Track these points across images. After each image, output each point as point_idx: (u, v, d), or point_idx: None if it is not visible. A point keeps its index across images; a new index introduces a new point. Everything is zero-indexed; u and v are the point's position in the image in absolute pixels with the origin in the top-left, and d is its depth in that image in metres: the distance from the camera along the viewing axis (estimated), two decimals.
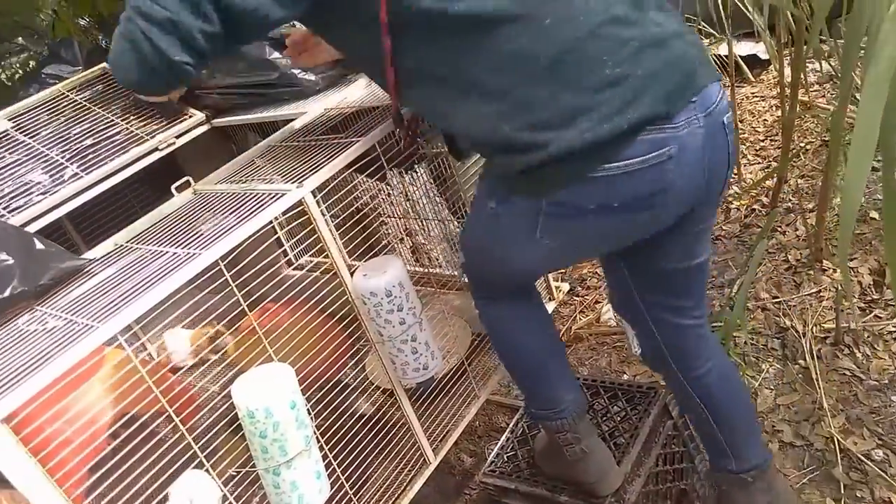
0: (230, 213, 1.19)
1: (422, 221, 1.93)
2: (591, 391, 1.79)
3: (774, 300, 2.23)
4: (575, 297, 2.67)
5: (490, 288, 1.39)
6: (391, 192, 1.92)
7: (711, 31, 3.49)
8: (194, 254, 1.09)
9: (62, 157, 1.66)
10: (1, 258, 1.17)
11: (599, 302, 2.60)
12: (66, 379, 0.97)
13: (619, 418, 1.67)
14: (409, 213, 1.94)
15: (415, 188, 1.80)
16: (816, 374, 1.93)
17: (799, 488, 1.67)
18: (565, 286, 2.01)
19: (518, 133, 1.04)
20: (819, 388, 1.89)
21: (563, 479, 1.55)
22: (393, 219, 2.04)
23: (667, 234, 1.21)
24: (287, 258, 2.27)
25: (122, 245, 1.25)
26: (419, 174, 1.76)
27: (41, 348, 1.00)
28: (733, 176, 2.96)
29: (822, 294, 2.19)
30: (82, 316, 1.04)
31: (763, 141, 3.14)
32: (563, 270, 2.80)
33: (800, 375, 1.96)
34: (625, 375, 2.22)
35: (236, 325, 1.60)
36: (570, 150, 1.01)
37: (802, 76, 2.56)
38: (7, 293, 1.14)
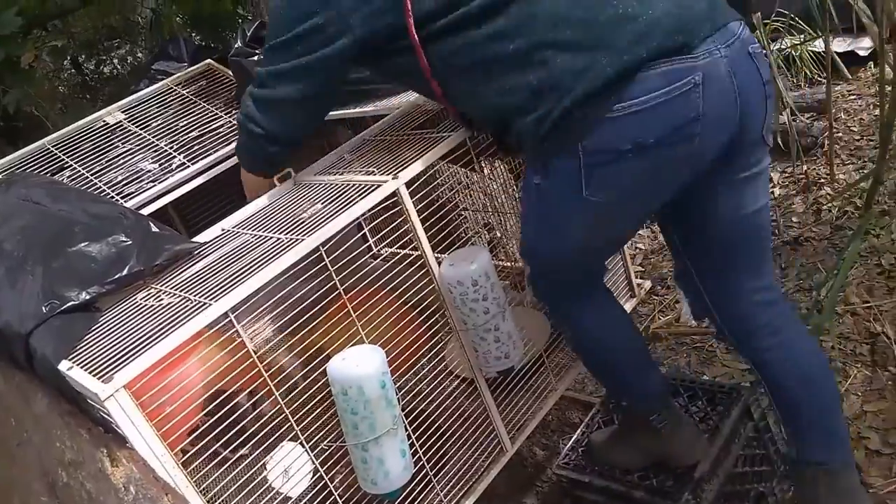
0: (329, 203, 1.25)
1: (499, 216, 1.96)
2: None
3: (865, 305, 2.15)
4: (654, 296, 2.65)
5: (559, 286, 1.39)
6: (471, 185, 1.96)
7: (806, 27, 3.37)
8: (297, 239, 1.16)
9: (170, 148, 1.78)
10: (121, 239, 1.28)
11: (679, 301, 2.56)
12: (181, 350, 1.06)
13: (698, 418, 1.66)
14: (488, 208, 1.98)
15: (494, 183, 1.83)
16: None
17: (884, 496, 1.62)
18: (647, 283, 2.00)
19: (539, 86, 1.10)
20: None
21: (647, 460, 1.57)
22: (472, 212, 2.08)
23: (715, 181, 1.22)
24: (371, 251, 2.34)
25: (228, 230, 1.33)
26: (498, 169, 1.79)
27: (159, 322, 1.08)
28: (825, 176, 2.86)
29: None
30: (195, 294, 1.12)
31: (859, 140, 3.02)
32: (643, 269, 2.79)
33: (889, 382, 1.89)
34: (704, 376, 2.20)
35: (326, 312, 1.68)
36: (587, 92, 1.06)
37: None
38: (125, 271, 1.24)
